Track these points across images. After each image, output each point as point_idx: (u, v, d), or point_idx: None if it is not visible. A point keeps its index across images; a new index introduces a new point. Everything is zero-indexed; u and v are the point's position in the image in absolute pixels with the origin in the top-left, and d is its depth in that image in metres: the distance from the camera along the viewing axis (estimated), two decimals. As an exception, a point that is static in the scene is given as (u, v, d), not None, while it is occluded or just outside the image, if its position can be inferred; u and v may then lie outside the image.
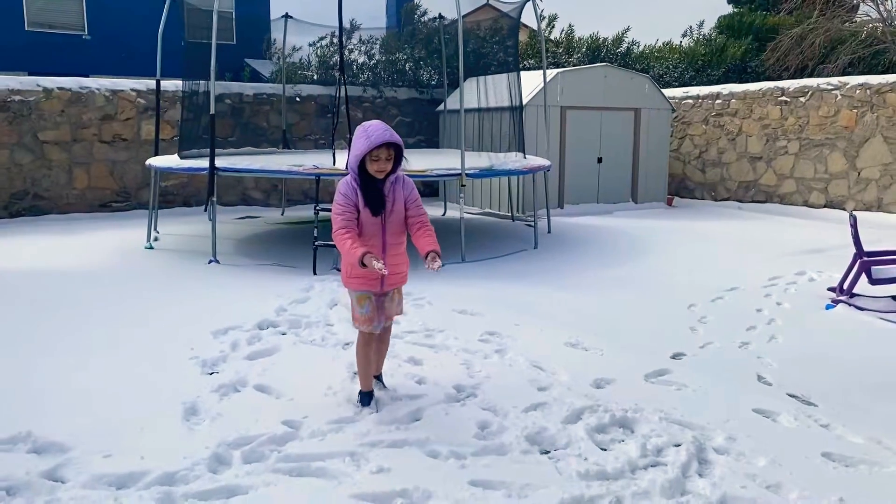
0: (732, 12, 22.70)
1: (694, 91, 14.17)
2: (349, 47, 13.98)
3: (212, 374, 4.40)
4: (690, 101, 14.10)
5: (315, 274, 7.16)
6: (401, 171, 3.70)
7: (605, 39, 17.55)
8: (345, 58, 13.75)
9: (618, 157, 12.79)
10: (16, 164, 10.85)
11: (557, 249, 8.80)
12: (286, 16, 12.31)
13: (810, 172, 12.22)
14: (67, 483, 3.07)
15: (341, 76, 7.93)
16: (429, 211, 12.89)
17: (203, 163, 7.92)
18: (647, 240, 9.56)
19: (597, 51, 17.09)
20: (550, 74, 11.86)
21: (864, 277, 6.18)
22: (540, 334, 5.30)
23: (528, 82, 11.57)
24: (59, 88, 11.09)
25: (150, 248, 8.62)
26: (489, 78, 11.54)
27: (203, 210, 11.23)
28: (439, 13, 12.96)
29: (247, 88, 12.84)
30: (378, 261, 3.38)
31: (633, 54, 17.71)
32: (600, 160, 12.62)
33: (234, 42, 19.52)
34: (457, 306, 5.96)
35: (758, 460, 3.33)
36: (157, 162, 8.75)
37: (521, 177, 10.93)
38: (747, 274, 7.46)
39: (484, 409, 3.89)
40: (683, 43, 19.17)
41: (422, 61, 14.46)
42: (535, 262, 8.00)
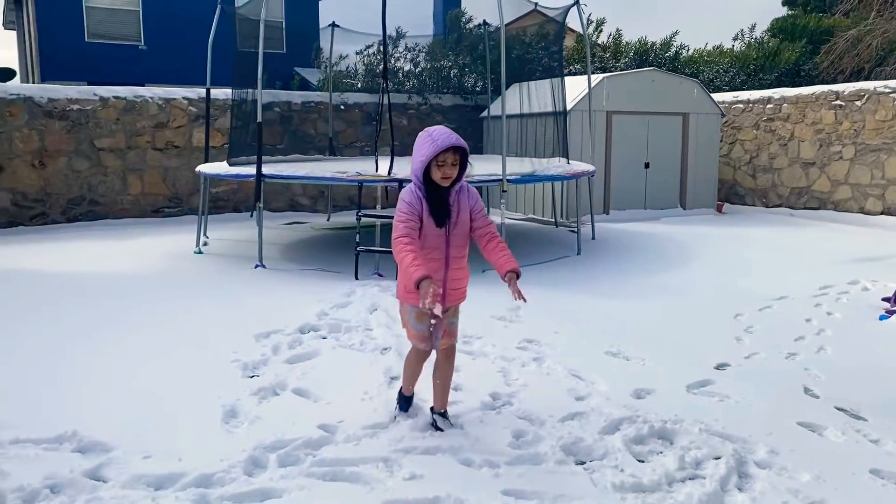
0: (786, 15, 22.23)
1: (744, 95, 13.88)
2: (395, 55, 14.08)
3: (252, 377, 4.47)
4: (741, 106, 13.82)
5: (357, 279, 7.23)
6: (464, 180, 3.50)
7: (654, 44, 17.32)
8: (390, 65, 13.93)
9: (665, 162, 12.60)
10: (73, 171, 11.22)
11: (601, 256, 8.71)
12: (333, 24, 12.48)
13: (866, 178, 11.84)
14: (109, 482, 3.14)
15: (384, 83, 8.00)
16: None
17: (250, 170, 8.08)
18: (694, 247, 9.39)
19: (644, 55, 16.88)
20: (596, 79, 11.78)
21: (920, 287, 5.96)
22: (579, 342, 5.24)
23: (573, 87, 11.50)
24: (115, 97, 11.44)
25: (200, 252, 8.80)
26: (533, 83, 11.50)
27: (250, 216, 11.47)
28: (483, 19, 12.98)
29: (295, 97, 13.04)
30: (436, 289, 3.14)
31: (682, 58, 17.44)
32: (647, 165, 12.45)
33: (285, 51, 19.87)
34: (496, 313, 5.94)
35: (801, 475, 3.23)
36: (207, 169, 8.94)
37: (566, 182, 10.86)
38: (797, 282, 7.26)
39: (520, 418, 3.86)
40: (735, 47, 18.81)
41: (466, 67, 14.49)
42: (577, 269, 7.93)
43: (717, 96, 14.01)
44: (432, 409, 3.76)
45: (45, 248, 8.96)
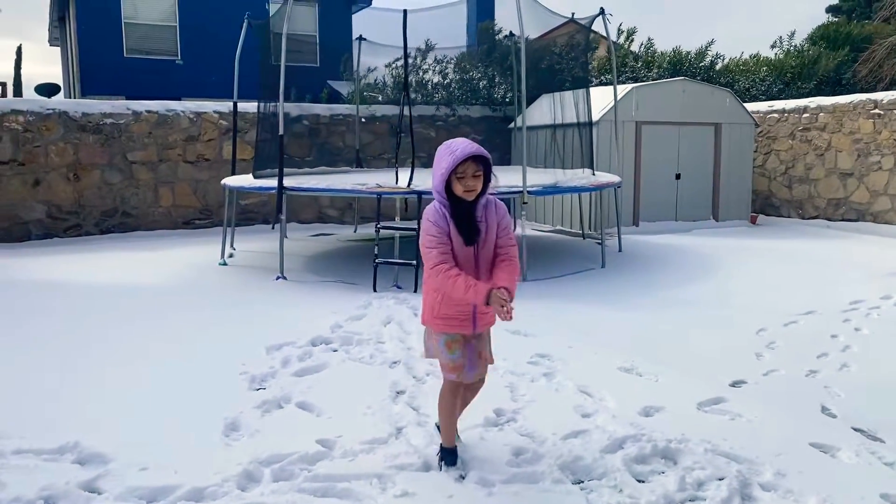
0: (827, 22, 21.76)
1: (779, 105, 13.60)
2: (423, 67, 14.13)
3: (258, 389, 4.47)
4: (776, 116, 13.54)
5: (375, 291, 7.22)
6: (490, 194, 3.25)
7: (688, 53, 17.09)
8: (419, 77, 13.97)
9: (697, 173, 12.39)
10: (106, 184, 11.46)
11: (626, 269, 8.58)
12: (360, 38, 12.57)
13: (906, 189, 11.49)
14: (103, 494, 3.15)
15: (405, 95, 8.01)
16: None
17: (273, 182, 8.14)
18: (723, 259, 9.19)
19: (678, 65, 16.66)
20: (625, 89, 11.65)
21: (953, 303, 5.73)
22: (593, 357, 5.15)
23: (602, 97, 11.40)
24: (147, 111, 11.67)
25: (224, 264, 8.90)
26: (561, 94, 11.42)
27: (271, 228, 11.59)
28: (510, 31, 12.95)
29: (323, 109, 13.15)
30: (504, 295, 2.99)
31: (717, 68, 17.17)
32: (678, 177, 12.26)
33: (318, 65, 20.09)
34: (510, 326, 5.81)
35: (807, 499, 3.10)
36: (232, 181, 9.05)
37: (594, 194, 10.73)
38: (827, 297, 7.05)
39: (522, 435, 3.79)
40: (773, 55, 18.46)
41: (496, 78, 14.46)
42: (599, 282, 7.82)
43: (751, 106, 13.75)
44: (437, 424, 3.65)
45: (76, 259, 9.15)
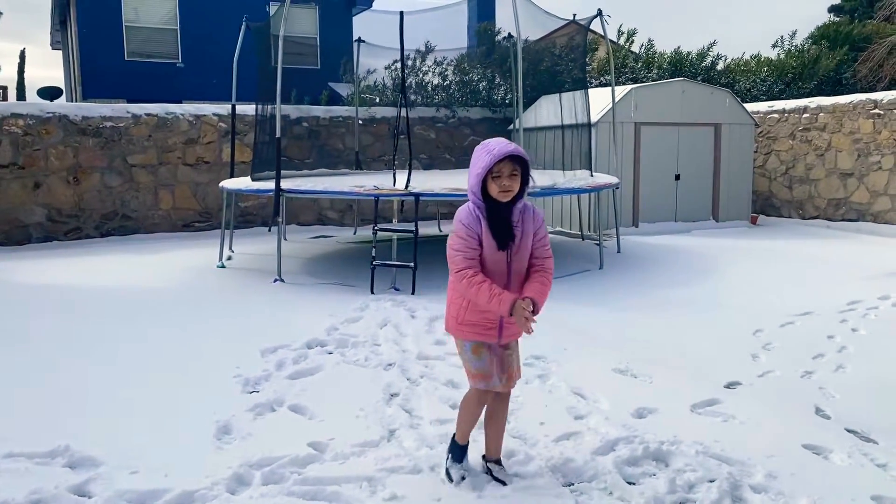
0: (828, 22, 21.71)
1: (779, 105, 13.57)
2: (423, 69, 14.14)
3: (252, 392, 4.48)
4: (776, 116, 13.51)
5: (372, 293, 7.22)
6: (526, 199, 3.16)
7: (689, 54, 17.07)
8: (419, 79, 13.98)
9: (697, 174, 12.37)
10: (106, 187, 11.48)
11: (624, 270, 8.56)
12: (359, 40, 12.58)
13: (907, 189, 11.45)
14: (93, 498, 3.15)
15: (402, 97, 8.02)
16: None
17: (271, 185, 8.14)
18: (722, 260, 9.17)
19: (678, 65, 16.64)
20: (624, 90, 11.65)
21: (950, 303, 5.72)
22: (588, 359, 5.14)
23: (601, 98, 11.39)
24: (147, 114, 11.69)
25: (222, 266, 8.90)
26: (560, 96, 11.41)
27: (268, 230, 11.61)
28: (508, 32, 12.95)
29: (322, 111, 13.16)
30: (528, 307, 2.95)
31: (718, 68, 17.14)
32: (678, 177, 12.24)
33: (319, 67, 20.11)
34: (507, 328, 5.85)
35: (798, 501, 3.09)
36: (230, 184, 9.06)
37: (593, 195, 10.72)
38: (825, 297, 7.03)
39: (514, 437, 3.78)
40: (774, 54, 18.43)
41: (496, 79, 14.46)
42: (597, 283, 7.80)
43: (751, 106, 13.73)
44: (484, 457, 3.41)
45: (76, 263, 9.17)
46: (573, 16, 11.33)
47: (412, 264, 7.27)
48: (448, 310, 3.23)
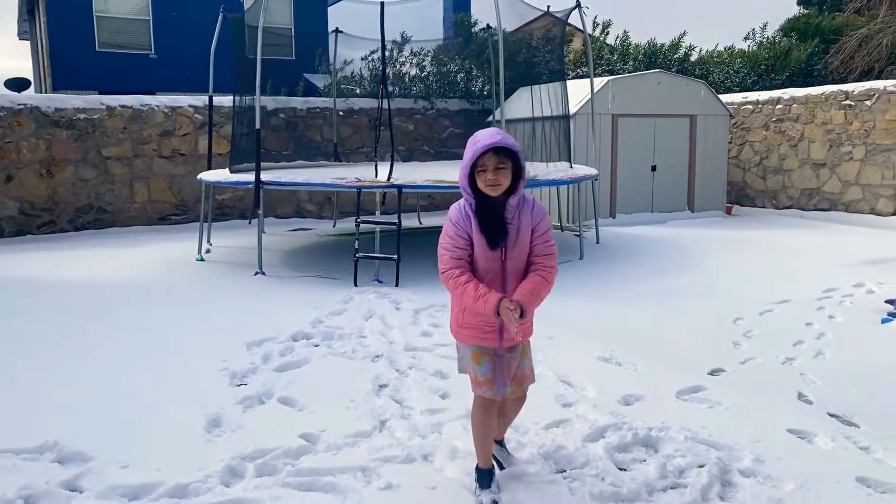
0: (799, 14, 21.99)
1: (753, 96, 13.75)
2: (401, 60, 14.09)
3: (240, 385, 4.46)
4: (750, 107, 13.68)
5: (356, 286, 7.21)
6: (524, 192, 2.95)
7: (662, 45, 17.21)
8: (396, 70, 13.93)
9: (673, 164, 12.50)
10: (80, 180, 11.30)
11: (604, 260, 8.64)
12: (336, 31, 12.50)
13: (877, 178, 11.67)
14: (84, 493, 3.13)
15: (383, 88, 7.99)
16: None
17: (250, 177, 8.08)
18: (699, 250, 9.29)
19: (653, 57, 16.77)
20: (602, 82, 11.71)
21: (924, 290, 5.86)
22: (573, 348, 5.18)
23: (578, 90, 11.44)
24: (121, 106, 11.52)
25: (201, 259, 8.83)
26: (538, 87, 11.45)
27: (248, 223, 11.51)
28: (487, 23, 12.95)
29: (300, 103, 13.07)
30: (516, 310, 2.73)
31: (692, 60, 17.31)
32: (654, 168, 12.35)
33: (294, 58, 19.91)
34: (492, 319, 5.89)
35: (785, 484, 3.16)
36: (208, 176, 8.97)
37: (572, 186, 10.79)
38: (801, 286, 7.16)
39: (504, 426, 3.82)
40: (746, 46, 18.65)
41: (474, 71, 14.46)
42: (578, 274, 7.86)
43: (725, 97, 13.89)
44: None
45: (50, 257, 9.03)
46: (547, 7, 11.38)
47: (395, 256, 7.27)
48: (451, 312, 3.10)
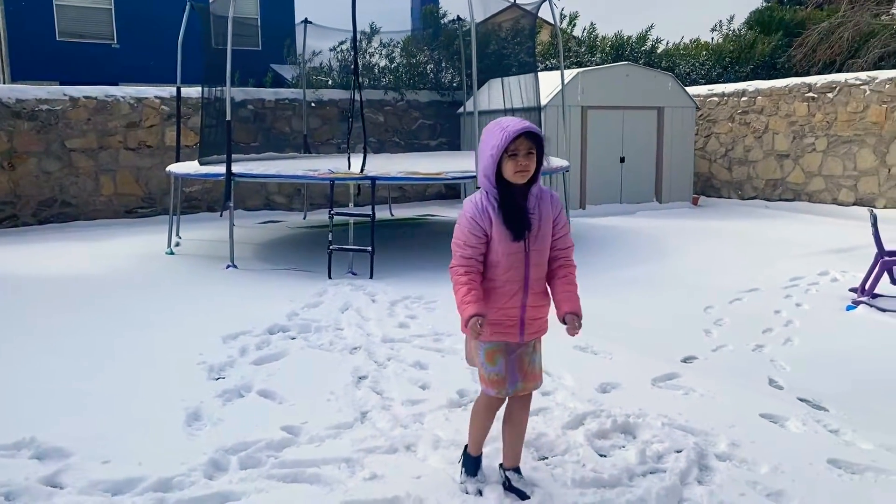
0: (763, 7, 22.36)
1: (719, 88, 13.97)
2: (370, 51, 14.03)
3: (218, 379, 4.43)
4: (716, 99, 13.90)
5: (330, 278, 7.20)
6: (541, 183, 2.92)
7: (629, 38, 17.38)
8: (366, 61, 13.86)
9: (641, 156, 12.66)
10: (44, 172, 11.08)
11: (575, 251, 8.69)
12: (305, 21, 12.39)
13: (839, 170, 11.95)
14: (66, 489, 3.10)
15: (356, 80, 7.95)
16: (449, 213, 12.85)
17: (220, 169, 8.00)
18: (668, 240, 9.44)
19: (620, 49, 16.93)
20: (571, 74, 11.80)
21: (886, 277, 6.02)
22: (549, 337, 5.19)
23: (548, 82, 11.52)
24: (85, 97, 11.31)
25: (171, 253, 8.72)
26: (510, 79, 11.50)
27: (219, 216, 11.39)
28: (457, 15, 12.96)
29: (268, 94, 12.95)
30: (484, 331, 2.73)
31: (658, 52, 17.52)
32: (623, 160, 12.50)
33: (260, 48, 19.70)
34: (467, 310, 5.92)
35: (760, 467, 3.25)
36: (177, 168, 8.86)
37: (543, 178, 10.85)
38: (768, 275, 7.32)
39: (485, 415, 3.86)
40: (712, 39, 18.94)
41: (443, 63, 14.46)
42: (551, 265, 7.93)
43: (692, 90, 14.09)
44: (502, 465, 3.13)
45: (14, 251, 8.85)
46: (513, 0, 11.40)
47: (370, 248, 7.27)
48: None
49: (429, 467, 3.28)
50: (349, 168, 7.91)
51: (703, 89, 14.29)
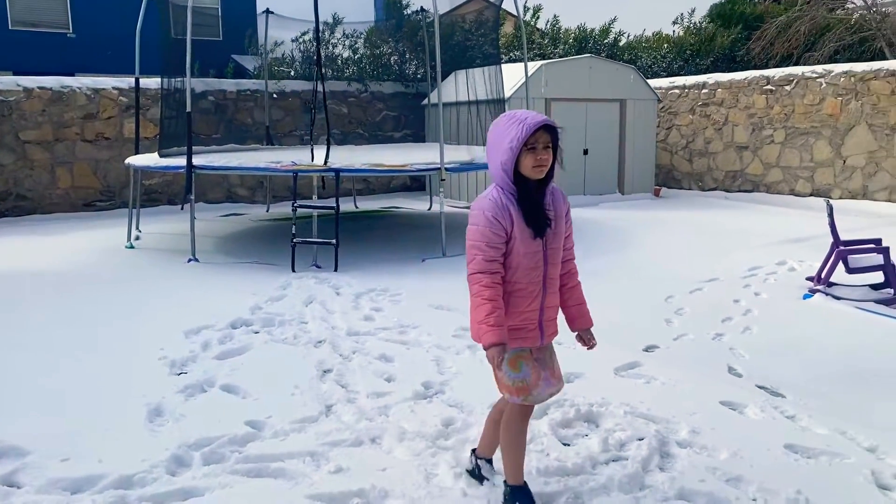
0: (723, 0, 22.68)
1: (680, 81, 14.15)
2: (332, 42, 13.91)
3: (180, 374, 4.38)
4: (677, 91, 14.08)
5: (294, 271, 7.14)
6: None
7: (593, 30, 17.50)
8: (329, 52, 13.75)
9: (604, 148, 12.77)
10: (-3, 165, 10.80)
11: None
12: (267, 11, 12.25)
13: (796, 161, 12.21)
14: (23, 488, 3.04)
15: (318, 71, 7.88)
16: (414, 205, 12.83)
17: (181, 161, 7.88)
18: (630, 231, 9.54)
19: (583, 42, 17.04)
20: (534, 66, 11.85)
21: (841, 266, 6.17)
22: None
23: (512, 74, 11.55)
24: (40, 88, 11.04)
25: (131, 247, 8.58)
26: (474, 71, 11.51)
27: (180, 209, 11.22)
28: (421, 6, 12.91)
29: (230, 85, 12.77)
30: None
31: (621, 45, 17.67)
32: (586, 152, 12.59)
33: (221, 38, 19.40)
34: (433, 301, 5.94)
35: (720, 453, 3.31)
36: (137, 161, 8.71)
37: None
38: (728, 264, 7.45)
39: (450, 406, 3.88)
40: (674, 32, 19.17)
41: (407, 54, 14.41)
42: (516, 256, 7.97)
43: (653, 82, 14.24)
44: (475, 451, 3.13)
45: (-32, 246, 8.62)
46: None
47: (334, 241, 7.23)
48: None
49: (394, 459, 3.28)
50: (312, 160, 7.85)
51: (664, 82, 14.46)
